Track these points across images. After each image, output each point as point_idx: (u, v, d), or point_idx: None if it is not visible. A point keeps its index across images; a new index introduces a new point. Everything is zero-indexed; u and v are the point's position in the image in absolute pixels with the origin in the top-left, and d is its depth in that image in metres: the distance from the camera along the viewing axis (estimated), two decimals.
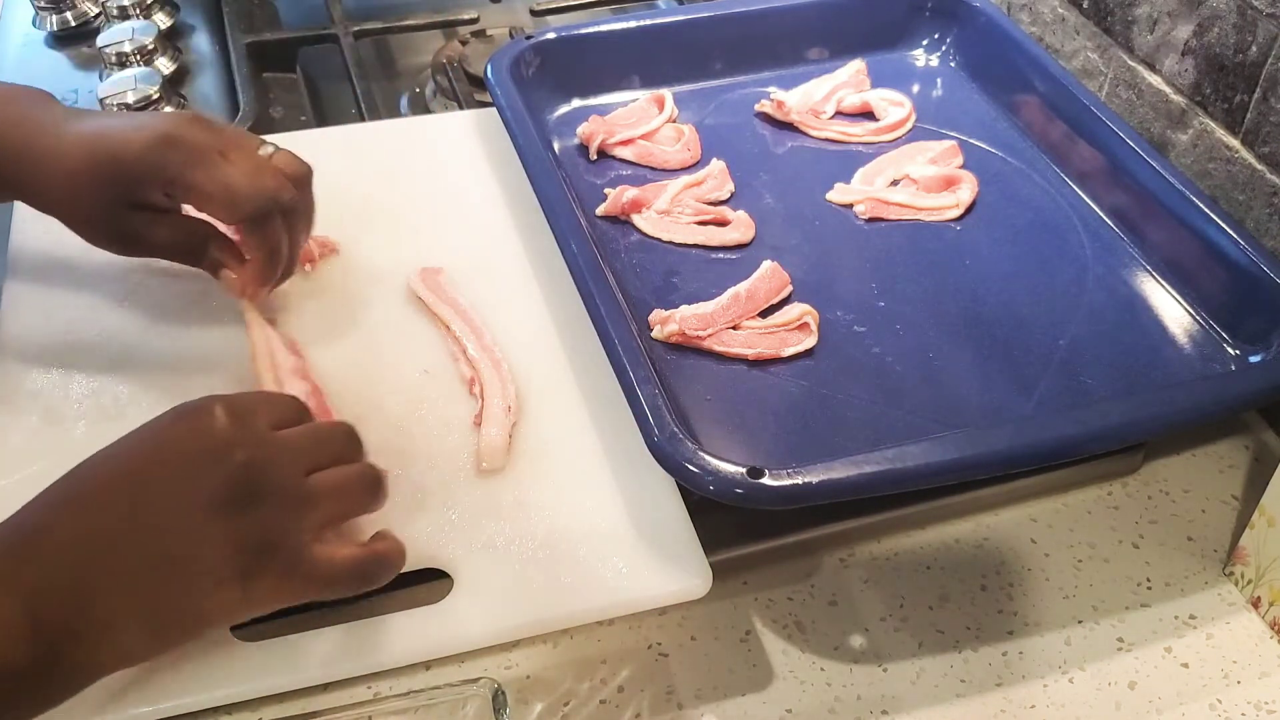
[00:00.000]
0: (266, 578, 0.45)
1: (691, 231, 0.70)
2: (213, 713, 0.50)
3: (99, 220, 0.60)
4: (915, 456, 0.52)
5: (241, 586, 0.45)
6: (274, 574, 0.45)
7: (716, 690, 0.53)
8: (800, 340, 0.63)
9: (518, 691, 0.52)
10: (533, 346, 0.64)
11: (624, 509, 0.56)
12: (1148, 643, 0.55)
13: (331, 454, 0.49)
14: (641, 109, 0.80)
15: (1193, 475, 0.64)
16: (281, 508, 0.46)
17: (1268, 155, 0.67)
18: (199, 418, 0.46)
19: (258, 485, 0.45)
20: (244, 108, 0.84)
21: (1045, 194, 0.75)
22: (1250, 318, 0.64)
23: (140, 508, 0.44)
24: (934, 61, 0.87)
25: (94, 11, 0.96)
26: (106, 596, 0.42)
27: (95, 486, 0.45)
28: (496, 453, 0.57)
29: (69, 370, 0.62)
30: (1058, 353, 0.64)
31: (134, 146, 0.57)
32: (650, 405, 0.54)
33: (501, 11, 1.02)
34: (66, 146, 0.58)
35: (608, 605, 0.53)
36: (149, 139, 0.57)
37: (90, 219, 0.60)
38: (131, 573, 0.43)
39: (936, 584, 0.58)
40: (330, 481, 0.48)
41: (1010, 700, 0.53)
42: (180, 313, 0.65)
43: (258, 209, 0.58)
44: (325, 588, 0.47)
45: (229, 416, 0.46)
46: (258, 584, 0.45)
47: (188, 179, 0.57)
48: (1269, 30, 0.66)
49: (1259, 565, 0.56)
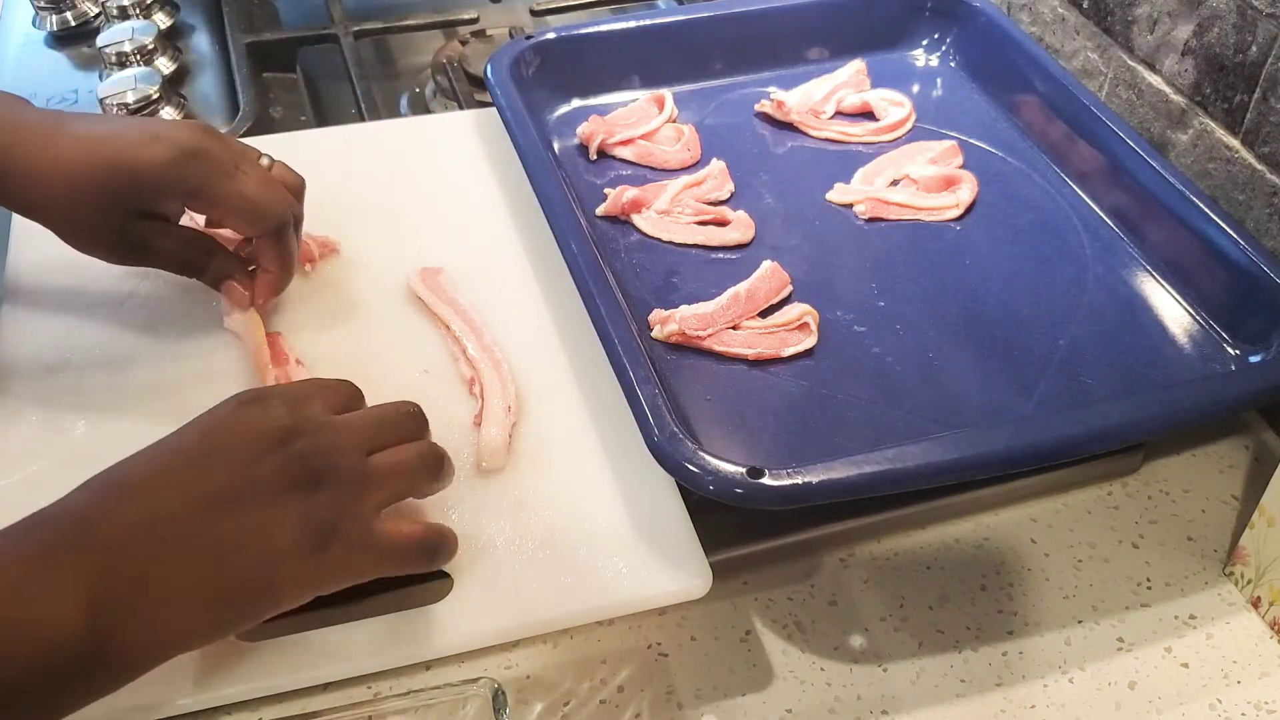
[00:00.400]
0: (335, 551, 0.46)
1: (691, 231, 0.70)
2: (213, 713, 0.50)
3: (102, 229, 0.59)
4: (915, 456, 0.52)
5: (314, 560, 0.45)
6: (341, 547, 0.46)
7: (716, 690, 0.53)
8: (800, 340, 0.63)
9: (518, 691, 0.52)
10: (533, 346, 0.64)
11: (624, 509, 0.56)
12: (1148, 643, 0.55)
13: (393, 434, 0.50)
14: (641, 109, 0.80)
15: (1193, 475, 0.64)
16: (344, 488, 0.46)
17: (1268, 155, 0.67)
18: (260, 405, 0.47)
19: (320, 468, 0.46)
20: (244, 108, 0.84)
21: (1045, 194, 0.75)
22: (1250, 318, 0.64)
23: (203, 491, 0.44)
24: (934, 61, 0.87)
25: (94, 11, 0.96)
26: (168, 578, 0.43)
27: (152, 473, 0.45)
28: (496, 453, 0.57)
29: (69, 370, 0.62)
30: (1058, 353, 0.64)
31: (155, 158, 0.56)
32: (650, 405, 0.54)
33: (501, 11, 1.02)
34: (64, 152, 0.57)
35: (608, 605, 0.53)
36: (171, 152, 0.57)
37: (93, 228, 0.59)
38: (196, 553, 0.43)
39: (936, 584, 0.58)
40: (391, 461, 0.49)
41: (1010, 700, 0.53)
42: (181, 313, 0.65)
43: (280, 220, 0.60)
44: (393, 562, 0.48)
45: (288, 403, 0.47)
46: (328, 557, 0.46)
47: (211, 192, 0.58)
48: (1269, 30, 0.66)
49: (1259, 565, 0.56)
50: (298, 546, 0.45)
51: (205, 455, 0.46)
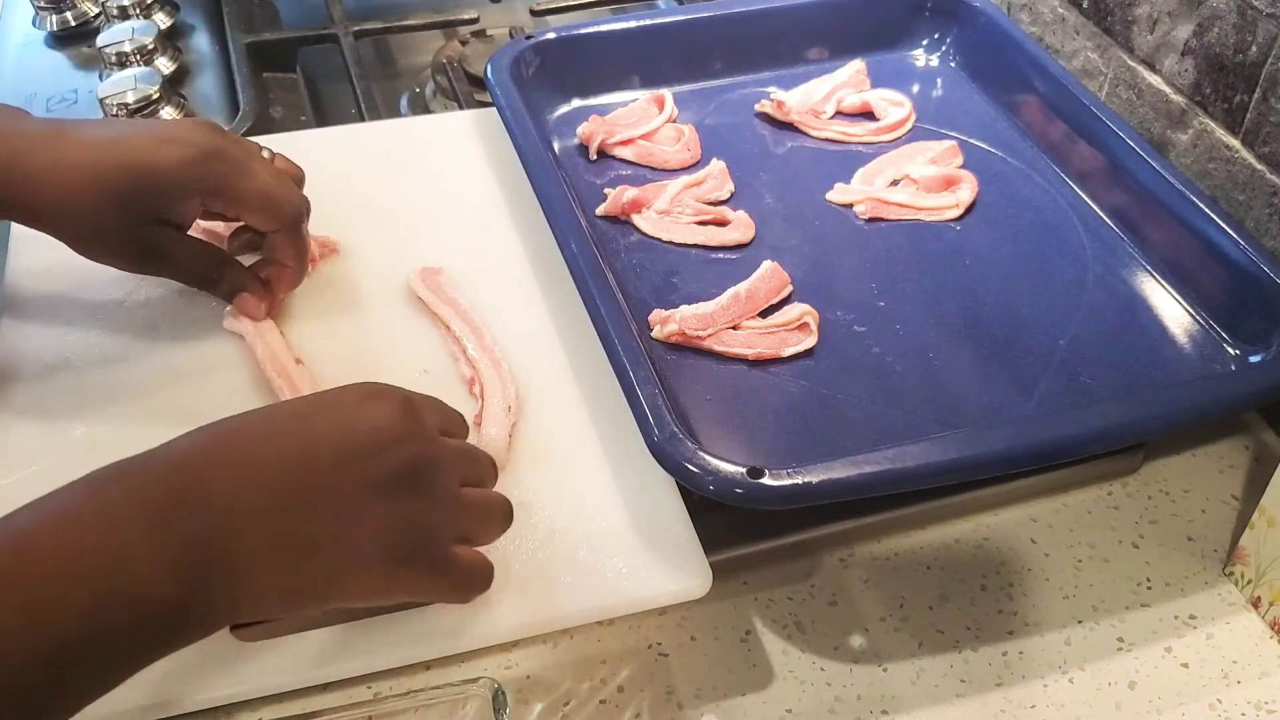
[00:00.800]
0: (415, 567, 0.46)
1: (691, 231, 0.70)
2: (213, 713, 0.50)
3: (117, 235, 0.58)
4: (915, 456, 0.52)
5: (390, 570, 0.45)
6: (422, 565, 0.46)
7: (716, 690, 0.53)
8: (800, 340, 0.63)
9: (518, 691, 0.52)
10: (533, 346, 0.64)
11: (624, 509, 0.56)
12: (1148, 643, 0.55)
13: (479, 474, 0.50)
14: (641, 109, 0.80)
15: (1193, 475, 0.64)
16: (438, 507, 0.46)
17: (1268, 155, 0.67)
18: (384, 401, 0.47)
19: (421, 478, 0.46)
20: (244, 108, 0.84)
21: (1045, 194, 0.75)
22: (1250, 318, 0.64)
23: (308, 478, 0.44)
24: (934, 61, 0.87)
25: (94, 11, 0.96)
26: (253, 562, 0.42)
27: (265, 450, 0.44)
28: (496, 453, 0.57)
29: (69, 370, 0.62)
30: (1058, 353, 0.64)
31: (172, 158, 0.56)
32: (650, 405, 0.54)
33: (501, 11, 1.02)
34: (73, 158, 0.56)
35: (608, 605, 0.53)
36: (188, 152, 0.57)
37: (107, 234, 0.58)
38: (283, 545, 0.43)
39: (936, 584, 0.58)
40: (481, 499, 0.49)
41: (1010, 700, 0.53)
42: (181, 313, 0.65)
43: (298, 213, 0.61)
44: (461, 588, 0.49)
45: (409, 408, 0.47)
46: (405, 572, 0.46)
47: (232, 190, 0.58)
48: (1269, 30, 0.66)
49: (1259, 565, 0.56)
50: (378, 550, 0.44)
51: (321, 441, 0.45)
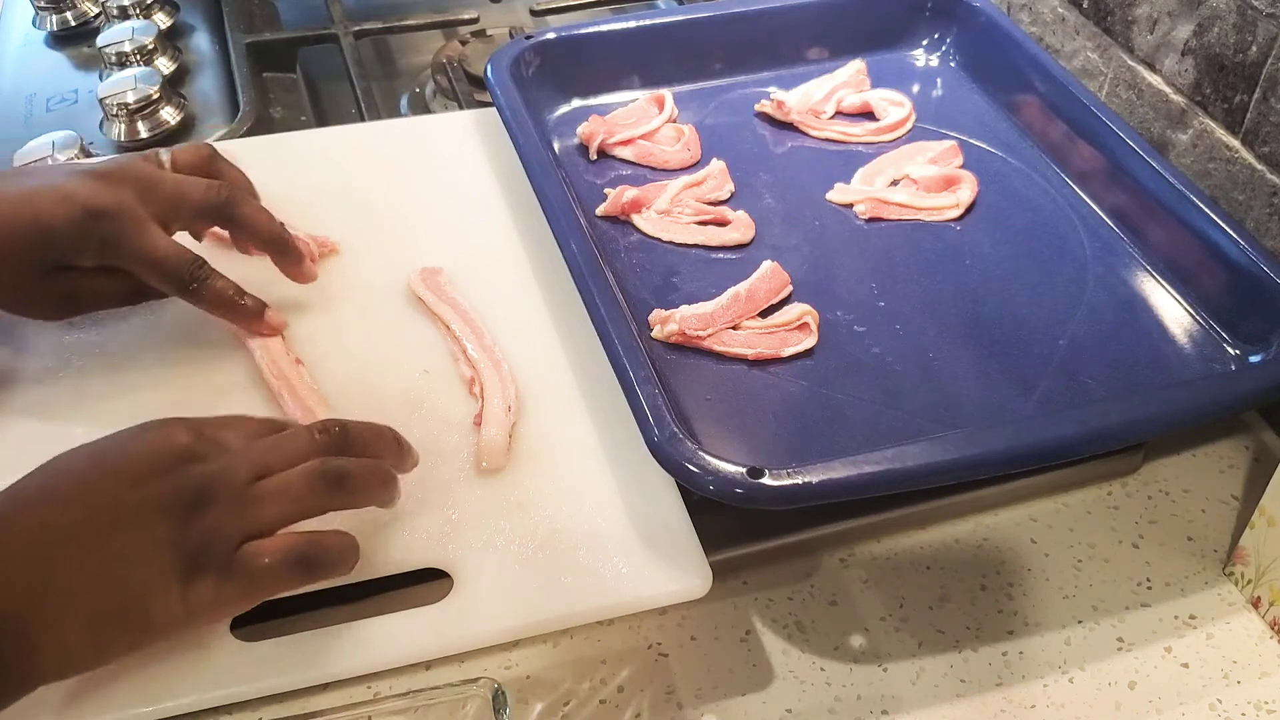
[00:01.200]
0: (205, 580, 0.45)
1: (691, 231, 0.70)
2: (213, 713, 0.50)
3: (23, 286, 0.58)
4: (915, 456, 0.52)
5: (182, 591, 0.45)
6: (211, 576, 0.45)
7: (716, 690, 0.53)
8: (800, 340, 0.63)
9: (518, 691, 0.52)
10: (533, 346, 0.64)
11: (624, 509, 0.56)
12: (1148, 643, 0.55)
13: (286, 456, 0.49)
14: (641, 109, 0.80)
15: (1193, 475, 0.64)
16: (223, 511, 0.46)
17: (1268, 155, 0.67)
18: (163, 429, 0.48)
19: (198, 491, 0.46)
20: (244, 108, 0.84)
21: (1045, 194, 0.75)
22: (1250, 318, 0.64)
23: (97, 507, 0.44)
24: (934, 61, 0.87)
25: (94, 11, 0.96)
26: (57, 594, 0.42)
27: (62, 482, 0.45)
28: (497, 453, 0.57)
29: (67, 370, 0.62)
30: (1058, 353, 0.64)
31: (62, 216, 0.56)
32: (650, 405, 0.54)
33: (501, 11, 1.02)
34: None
35: (608, 605, 0.53)
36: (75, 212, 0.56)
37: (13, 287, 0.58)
38: (83, 571, 0.43)
39: (936, 584, 0.58)
40: (275, 484, 0.48)
41: (1010, 700, 0.53)
42: (181, 313, 0.65)
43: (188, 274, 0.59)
44: (263, 586, 0.47)
45: (194, 430, 0.48)
46: (197, 588, 0.45)
47: (120, 250, 0.57)
48: (1269, 30, 0.66)
49: (1259, 565, 0.56)
50: (170, 574, 0.44)
51: (105, 472, 0.46)
